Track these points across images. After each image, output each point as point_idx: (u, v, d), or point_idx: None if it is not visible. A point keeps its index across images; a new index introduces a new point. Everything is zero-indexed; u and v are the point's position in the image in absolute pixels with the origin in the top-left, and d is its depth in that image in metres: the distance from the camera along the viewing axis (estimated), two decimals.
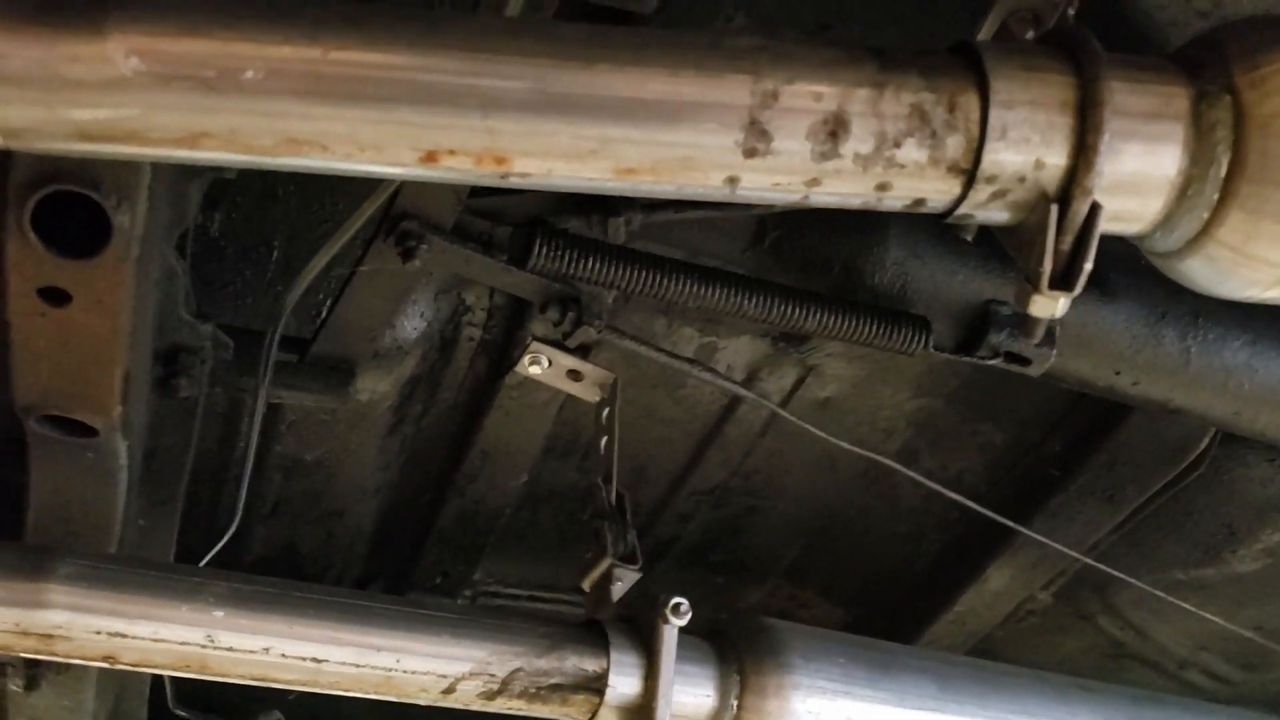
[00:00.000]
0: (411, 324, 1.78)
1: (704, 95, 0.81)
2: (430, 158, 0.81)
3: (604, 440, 1.78)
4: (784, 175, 0.84)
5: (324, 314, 1.50)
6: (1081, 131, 0.84)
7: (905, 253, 1.48)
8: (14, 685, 1.46)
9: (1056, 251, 0.86)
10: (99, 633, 1.22)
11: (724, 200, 0.87)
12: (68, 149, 0.80)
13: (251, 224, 1.57)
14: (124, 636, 1.23)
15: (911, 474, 1.76)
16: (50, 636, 1.20)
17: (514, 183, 0.83)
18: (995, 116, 0.84)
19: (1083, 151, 0.84)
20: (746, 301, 1.41)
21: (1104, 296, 1.55)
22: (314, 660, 1.31)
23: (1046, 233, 0.85)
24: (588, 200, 1.40)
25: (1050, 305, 0.88)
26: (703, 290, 1.40)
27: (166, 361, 1.35)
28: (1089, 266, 0.86)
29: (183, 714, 1.92)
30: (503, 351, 1.89)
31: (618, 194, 0.85)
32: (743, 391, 1.67)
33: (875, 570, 2.41)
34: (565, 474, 2.18)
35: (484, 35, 0.80)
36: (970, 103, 0.85)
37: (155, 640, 1.24)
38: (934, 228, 1.49)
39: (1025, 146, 0.85)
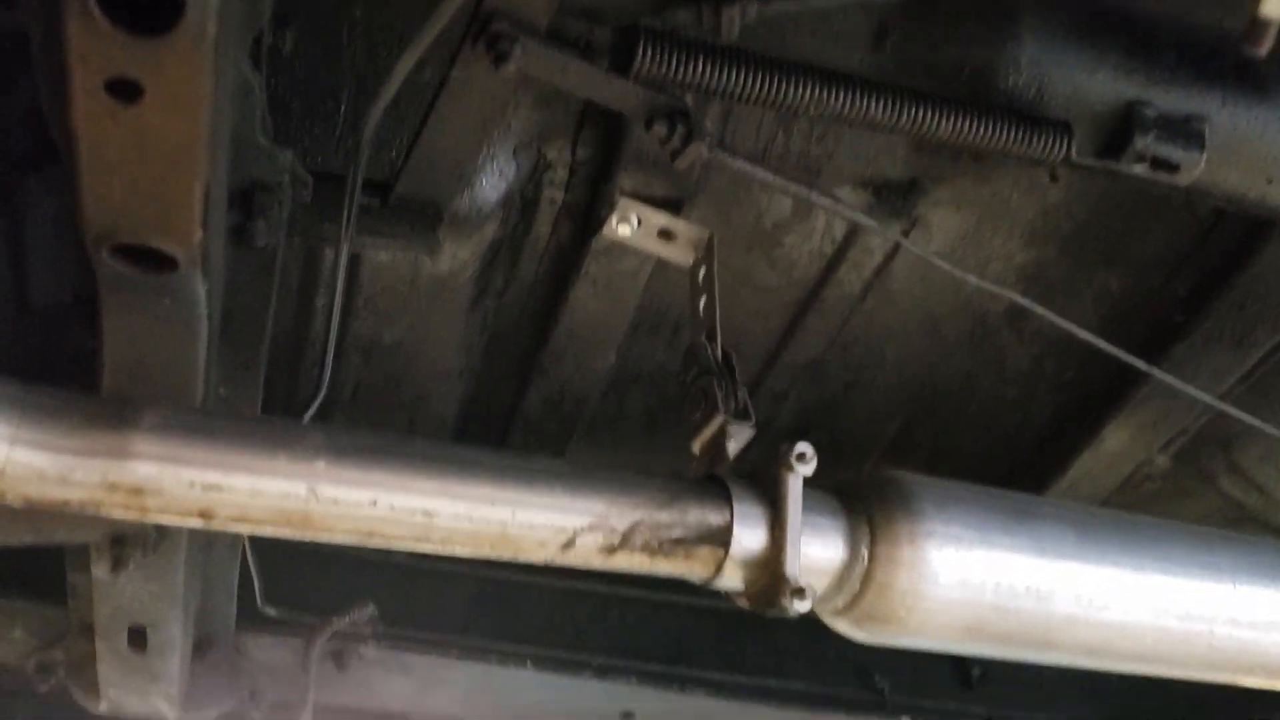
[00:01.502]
0: (490, 183, 1.66)
1: None
2: None
3: (703, 299, 1.67)
4: None
5: (407, 149, 1.38)
6: None
7: (1041, 51, 1.34)
8: (99, 571, 1.37)
9: None
10: (192, 485, 1.12)
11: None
12: None
13: (323, 49, 1.39)
14: (219, 489, 1.13)
15: (1043, 311, 1.62)
16: (140, 490, 1.10)
17: None
18: None
19: None
20: (873, 105, 1.28)
21: (1257, 93, 1.40)
22: (424, 514, 1.20)
23: None
24: None
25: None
26: (826, 93, 1.27)
27: (243, 203, 1.24)
28: None
29: (271, 611, 1.83)
30: (587, 214, 1.78)
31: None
32: (864, 220, 1.53)
33: (982, 441, 2.29)
34: (654, 353, 2.07)
35: None
36: None
37: (253, 494, 1.14)
38: (1073, 21, 1.34)
39: None
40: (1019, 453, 2.29)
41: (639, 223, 1.73)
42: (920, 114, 1.30)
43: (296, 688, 1.88)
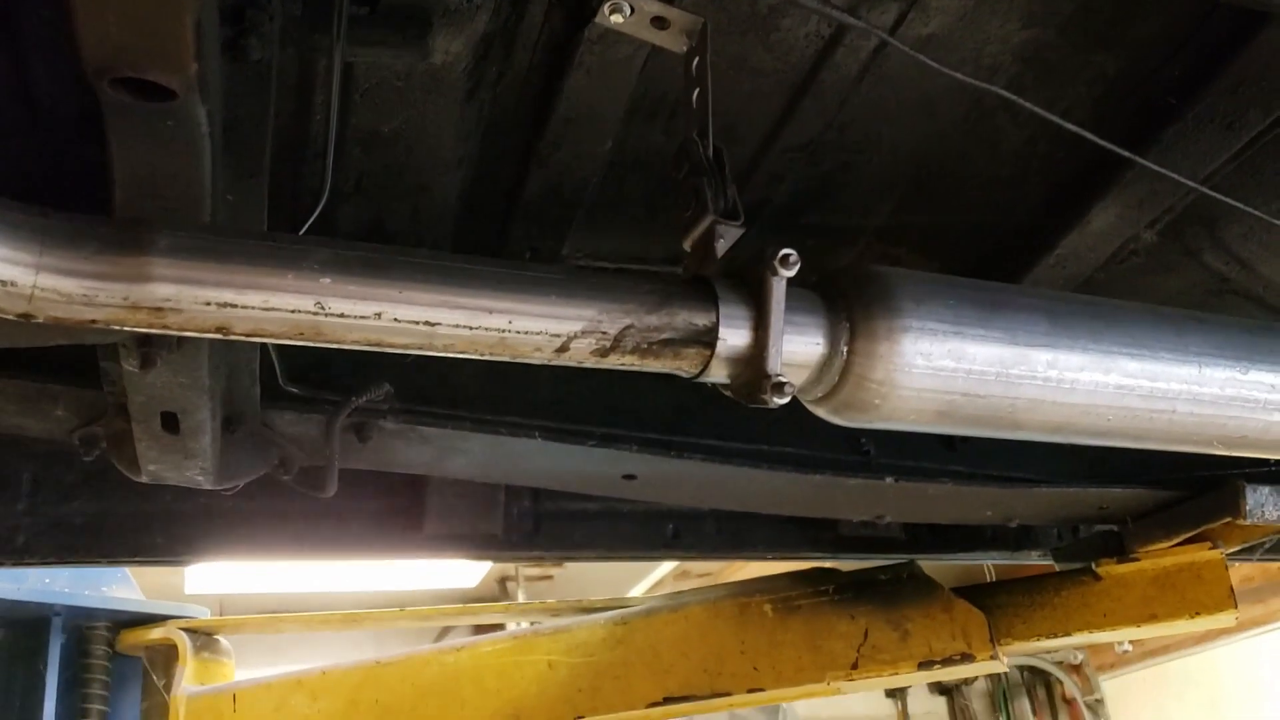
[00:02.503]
0: None
1: None
2: None
3: (696, 92, 1.69)
4: None
5: None
6: None
7: None
8: (129, 365, 1.47)
9: None
10: (209, 304, 1.20)
11: None
12: None
13: None
14: (234, 306, 1.21)
15: (1023, 102, 1.65)
16: (160, 310, 1.18)
17: None
18: None
19: None
20: None
21: None
22: (427, 324, 1.29)
23: None
24: None
25: None
26: None
27: (234, 20, 1.27)
28: None
29: (294, 389, 1.95)
30: (579, 2, 1.78)
31: None
32: (849, 19, 1.54)
33: (974, 221, 2.35)
34: (652, 137, 2.10)
35: None
36: None
37: (266, 309, 1.22)
38: None
39: None
40: (1010, 230, 2.34)
41: (630, 10, 1.73)
42: None
43: (322, 457, 2.02)
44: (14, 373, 1.78)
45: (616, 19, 1.72)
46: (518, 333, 1.34)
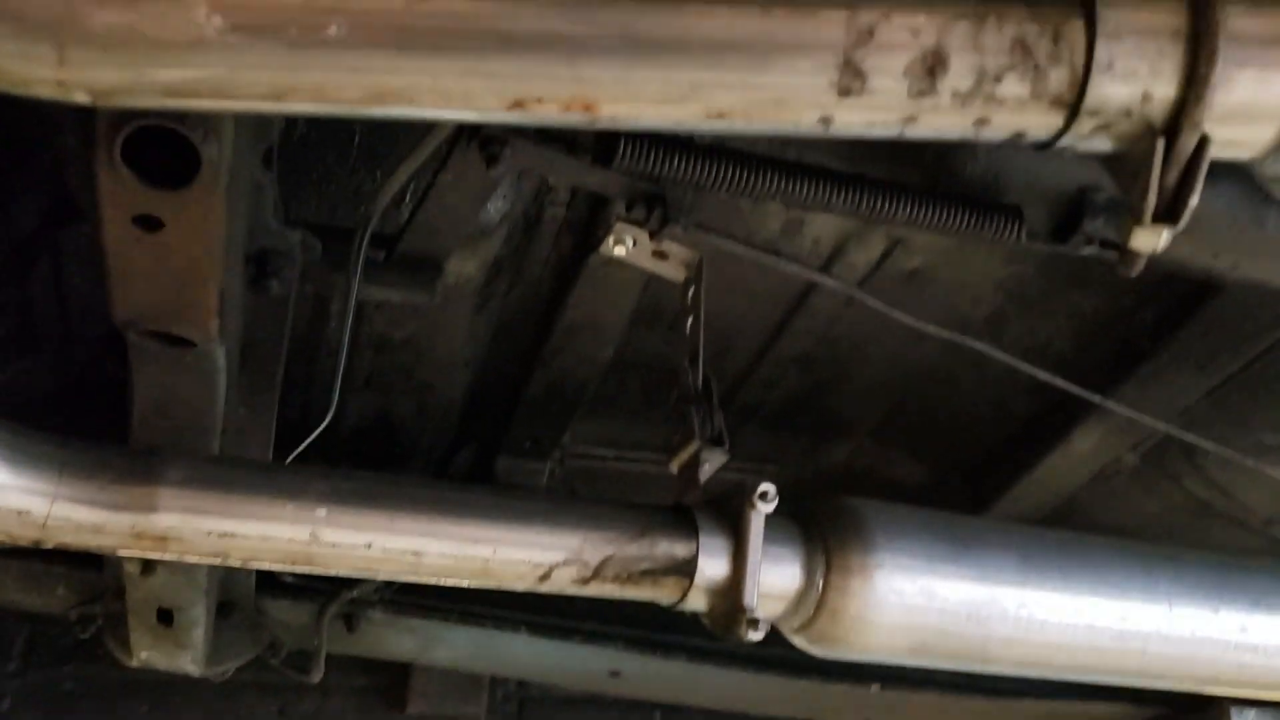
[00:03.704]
0: (495, 206, 1.77)
1: (797, 35, 0.78)
2: (518, 105, 0.79)
3: (690, 320, 1.78)
4: (879, 113, 0.82)
5: (408, 214, 1.50)
6: (1193, 62, 0.80)
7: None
8: (130, 567, 1.54)
9: (1161, 185, 0.82)
10: (209, 533, 1.27)
11: (815, 136, 0.84)
12: (155, 104, 0.80)
13: (333, 134, 1.56)
14: (233, 536, 1.29)
15: (998, 353, 1.74)
16: (164, 539, 1.26)
17: (603, 125, 0.82)
18: (1101, 49, 0.80)
19: (1193, 84, 0.80)
20: (835, 198, 1.39)
21: (1207, 180, 1.49)
22: (413, 554, 1.36)
23: (1151, 166, 0.82)
24: None
25: (1153, 238, 0.85)
26: (790, 188, 1.38)
27: (258, 262, 1.37)
28: (1195, 201, 0.83)
29: (288, 578, 2.01)
30: (587, 229, 1.89)
31: (707, 133, 0.83)
32: (823, 279, 1.65)
33: (961, 432, 2.42)
34: (652, 343, 2.19)
35: None
36: (1075, 33, 0.80)
37: (263, 539, 1.30)
38: None
39: (1132, 79, 0.81)
40: (995, 444, 2.41)
41: (634, 242, 1.84)
42: (879, 203, 1.40)
43: (310, 643, 2.06)
44: (18, 553, 1.85)
45: (620, 249, 1.82)
46: (502, 561, 1.41)
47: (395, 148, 1.53)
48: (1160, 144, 0.81)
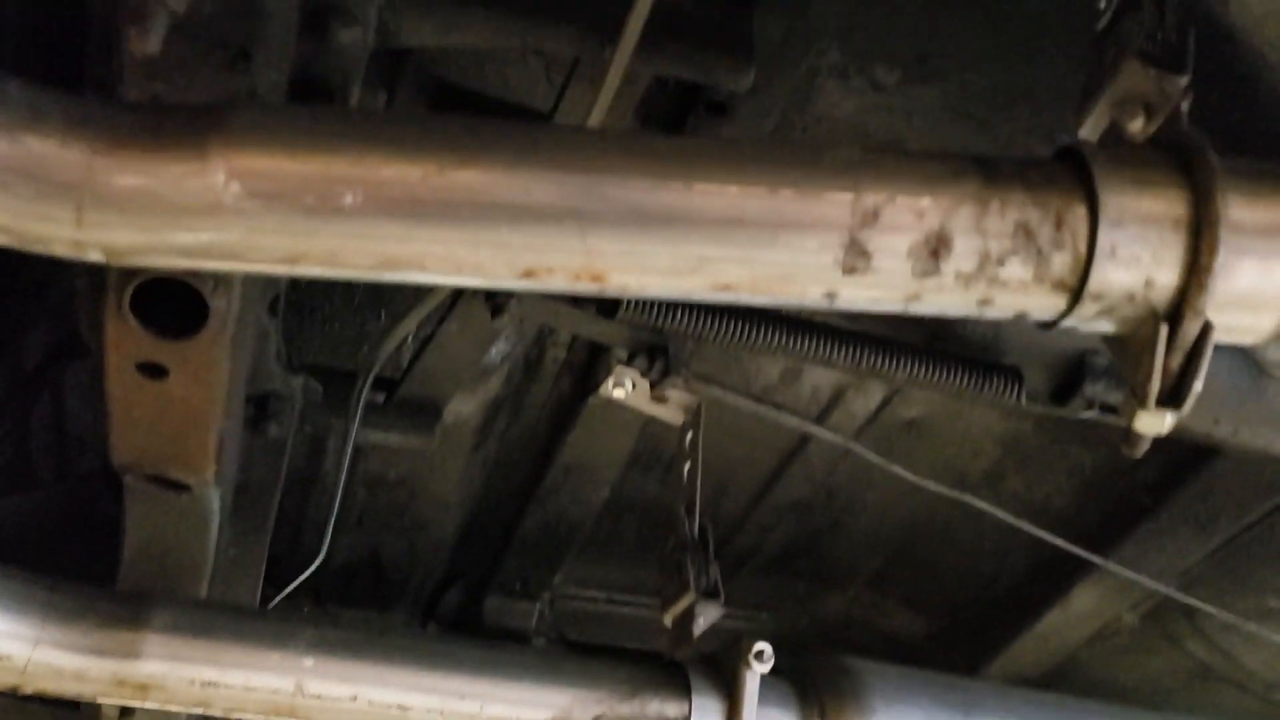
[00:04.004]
0: (497, 349, 1.78)
1: (804, 214, 0.80)
2: (529, 274, 0.80)
3: (687, 466, 1.78)
4: (883, 291, 0.82)
5: (410, 359, 1.51)
6: (1195, 250, 0.81)
7: None
8: (109, 713, 1.50)
9: (1165, 369, 0.83)
10: (193, 682, 1.25)
11: (820, 309, 0.85)
12: (168, 264, 0.81)
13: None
14: (216, 686, 1.26)
15: (996, 510, 1.73)
16: (146, 687, 1.23)
17: (611, 293, 0.83)
18: (1104, 234, 0.81)
19: (1195, 272, 0.81)
20: (835, 353, 1.39)
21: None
22: (399, 708, 1.33)
23: (1155, 350, 0.82)
24: None
25: (1157, 423, 0.85)
26: (791, 342, 1.39)
27: (258, 404, 1.37)
28: (1199, 387, 0.83)
29: None
30: (587, 371, 1.89)
31: (712, 303, 0.84)
32: (819, 431, 1.65)
33: (959, 584, 2.39)
34: (648, 486, 2.18)
35: (581, 152, 0.79)
36: (1078, 219, 0.82)
37: (247, 689, 1.27)
38: None
39: (1135, 266, 0.82)
40: (994, 599, 2.38)
41: (633, 386, 1.84)
42: (879, 360, 1.41)
43: None
44: None
45: (619, 392, 1.83)
46: (489, 718, 1.38)
47: (400, 291, 1.54)
48: (1164, 330, 0.82)
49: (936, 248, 0.80)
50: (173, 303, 1.02)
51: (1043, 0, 1.33)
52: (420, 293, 1.42)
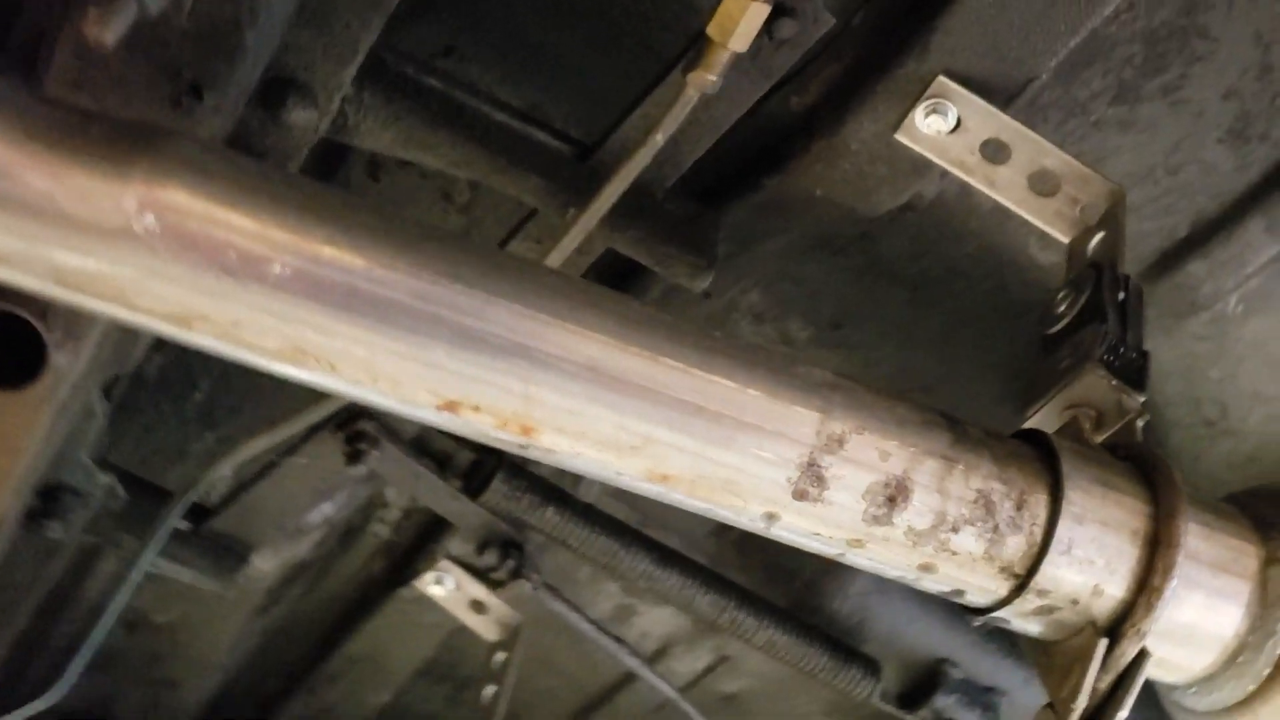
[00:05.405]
0: (324, 508, 1.63)
1: (768, 419, 0.72)
2: (449, 407, 0.70)
3: (493, 691, 1.62)
4: (828, 528, 0.75)
5: (234, 489, 1.35)
6: (1149, 567, 0.76)
7: (871, 587, 1.38)
8: None
9: (1094, 689, 0.76)
10: None
11: (754, 532, 0.77)
12: (30, 287, 0.67)
13: (183, 359, 1.43)
14: None
15: None
16: None
17: (532, 454, 0.72)
18: (1064, 528, 0.76)
19: (1145, 591, 0.76)
20: (700, 597, 1.30)
21: None
22: None
23: (1088, 666, 0.76)
24: None
25: None
26: (659, 574, 1.29)
27: (46, 498, 1.18)
28: (1124, 716, 0.77)
29: None
30: (407, 557, 1.74)
31: (640, 494, 0.75)
32: (648, 674, 1.53)
33: None
34: (433, 701, 2.00)
35: (549, 293, 0.70)
36: (1040, 505, 0.77)
37: None
38: None
39: (1088, 568, 0.76)
40: None
41: (455, 586, 1.70)
42: (744, 616, 1.32)
43: None
44: None
45: (437, 590, 1.68)
46: None
47: (237, 416, 1.39)
48: (1101, 645, 0.76)
49: (895, 495, 0.73)
50: (4, 339, 0.87)
51: (974, 298, 1.33)
52: (264, 419, 1.28)
